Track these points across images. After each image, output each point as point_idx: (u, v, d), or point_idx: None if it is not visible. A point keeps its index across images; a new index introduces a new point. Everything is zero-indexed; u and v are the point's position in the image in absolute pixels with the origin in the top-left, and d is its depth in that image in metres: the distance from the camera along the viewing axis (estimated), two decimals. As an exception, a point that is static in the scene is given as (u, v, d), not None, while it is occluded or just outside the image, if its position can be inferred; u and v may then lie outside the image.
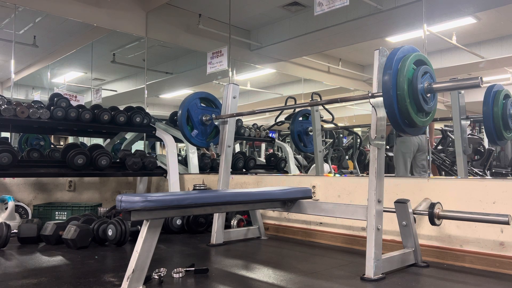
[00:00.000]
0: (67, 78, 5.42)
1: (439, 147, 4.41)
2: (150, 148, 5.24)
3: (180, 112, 3.02)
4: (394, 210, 2.25)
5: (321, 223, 3.04)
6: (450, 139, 4.27)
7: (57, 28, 4.73)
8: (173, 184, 3.65)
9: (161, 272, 1.93)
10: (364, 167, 5.14)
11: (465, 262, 2.27)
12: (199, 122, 3.07)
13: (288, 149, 4.84)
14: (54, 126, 3.43)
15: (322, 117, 4.16)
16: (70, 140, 5.15)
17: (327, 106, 4.33)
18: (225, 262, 2.38)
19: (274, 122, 4.78)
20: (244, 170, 4.43)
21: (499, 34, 4.39)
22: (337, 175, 4.22)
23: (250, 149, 6.34)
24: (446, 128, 4.33)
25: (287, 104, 4.32)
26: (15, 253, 2.55)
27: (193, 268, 2.06)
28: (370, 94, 2.07)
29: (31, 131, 4.06)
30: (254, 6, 5.08)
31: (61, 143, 5.49)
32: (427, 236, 2.45)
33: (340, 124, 4.63)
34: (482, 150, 3.68)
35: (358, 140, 5.25)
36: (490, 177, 3.28)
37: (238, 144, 5.73)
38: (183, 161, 4.27)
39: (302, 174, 4.97)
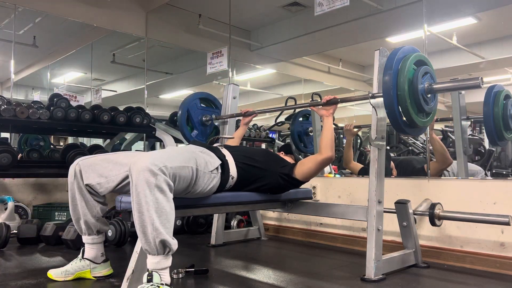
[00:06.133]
0: (67, 79, 5.40)
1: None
2: (150, 148, 5.22)
3: (180, 112, 3.02)
4: (395, 210, 2.25)
5: (321, 223, 3.04)
6: (451, 139, 4.25)
7: (57, 28, 4.72)
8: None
9: (161, 273, 1.92)
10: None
11: (465, 263, 2.27)
12: (199, 122, 3.07)
13: (289, 149, 4.82)
14: (54, 127, 3.42)
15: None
16: (70, 140, 5.14)
17: (327, 107, 4.30)
18: (225, 262, 2.37)
19: (274, 123, 4.77)
20: (244, 170, 4.41)
21: (499, 34, 4.37)
22: (337, 175, 4.22)
23: (250, 150, 6.31)
24: (447, 128, 4.31)
25: (287, 104, 4.32)
26: (14, 254, 2.55)
27: (193, 269, 2.06)
28: (370, 95, 2.07)
29: (31, 131, 4.05)
30: (254, 6, 5.08)
31: (61, 143, 5.48)
32: (427, 236, 2.45)
33: (340, 125, 4.61)
34: (483, 151, 3.66)
35: (359, 141, 5.23)
36: (490, 178, 3.27)
37: (238, 144, 5.71)
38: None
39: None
